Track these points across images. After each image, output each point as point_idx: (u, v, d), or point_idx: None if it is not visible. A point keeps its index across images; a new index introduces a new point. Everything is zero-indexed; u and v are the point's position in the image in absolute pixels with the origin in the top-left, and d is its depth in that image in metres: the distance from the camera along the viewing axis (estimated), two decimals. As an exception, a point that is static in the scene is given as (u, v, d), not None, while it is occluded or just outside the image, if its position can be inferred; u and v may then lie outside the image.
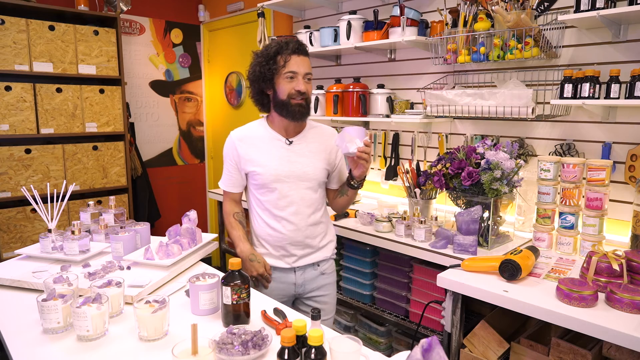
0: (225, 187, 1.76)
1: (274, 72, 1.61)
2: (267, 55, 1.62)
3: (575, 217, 1.81)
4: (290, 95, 1.61)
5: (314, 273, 1.76)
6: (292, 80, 1.61)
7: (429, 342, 0.87)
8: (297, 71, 1.60)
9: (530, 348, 1.52)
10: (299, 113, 1.63)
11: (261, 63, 1.63)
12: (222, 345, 1.06)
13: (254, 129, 1.75)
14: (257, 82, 1.66)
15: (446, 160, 2.00)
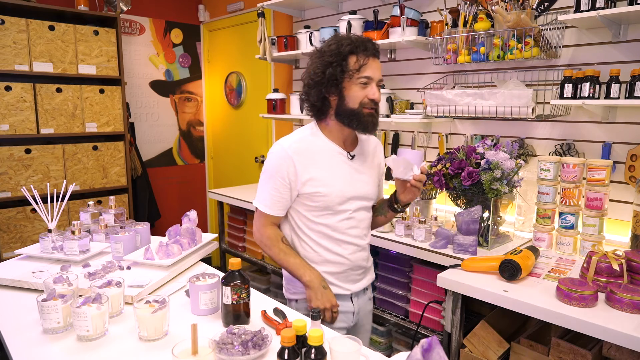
0: (270, 210, 1.46)
1: (344, 76, 1.38)
2: (339, 54, 1.38)
3: (575, 217, 1.81)
4: (363, 103, 1.39)
5: (364, 298, 1.61)
6: (365, 87, 1.39)
7: (429, 342, 0.87)
8: (373, 77, 1.39)
9: (530, 348, 1.52)
10: (371, 124, 1.42)
11: (331, 63, 1.38)
12: (222, 345, 1.05)
13: (310, 140, 1.47)
14: (319, 86, 1.41)
15: (446, 160, 2.00)
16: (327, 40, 1.46)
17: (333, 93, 1.41)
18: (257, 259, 2.92)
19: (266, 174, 1.46)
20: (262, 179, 1.48)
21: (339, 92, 1.41)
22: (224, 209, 3.25)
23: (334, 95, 1.42)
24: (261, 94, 3.61)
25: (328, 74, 1.38)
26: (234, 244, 3.13)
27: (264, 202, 1.47)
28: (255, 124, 3.80)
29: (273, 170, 1.44)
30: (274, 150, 1.46)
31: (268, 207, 1.47)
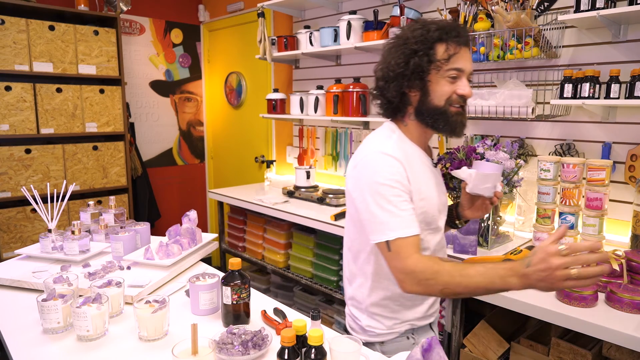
0: (413, 229, 1.10)
1: (430, 67, 1.15)
2: (425, 41, 1.15)
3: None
4: (450, 100, 1.17)
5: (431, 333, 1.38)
6: (454, 81, 1.17)
7: (429, 342, 0.87)
8: (464, 69, 1.17)
9: (530, 348, 1.52)
10: (460, 125, 1.20)
11: (416, 52, 1.15)
12: (222, 345, 1.06)
13: (403, 143, 1.22)
14: (401, 79, 1.17)
15: (446, 160, 2.00)
16: (409, 25, 1.22)
17: (415, 87, 1.18)
18: (257, 259, 2.92)
19: (381, 191, 1.11)
20: (377, 202, 1.11)
21: (423, 87, 1.17)
22: (224, 209, 3.25)
23: (415, 90, 1.18)
24: (261, 94, 3.61)
25: (413, 65, 1.15)
26: (234, 244, 3.13)
27: (400, 226, 1.09)
28: (255, 124, 3.80)
29: (391, 181, 1.12)
30: (377, 159, 1.14)
31: (408, 227, 1.09)
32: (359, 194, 1.16)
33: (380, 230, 1.11)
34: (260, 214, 2.80)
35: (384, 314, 1.26)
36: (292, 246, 2.66)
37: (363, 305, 1.28)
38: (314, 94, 2.84)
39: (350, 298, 1.33)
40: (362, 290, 1.28)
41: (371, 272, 1.24)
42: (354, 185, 1.19)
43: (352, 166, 1.22)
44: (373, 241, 1.13)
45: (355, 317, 1.30)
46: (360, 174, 1.17)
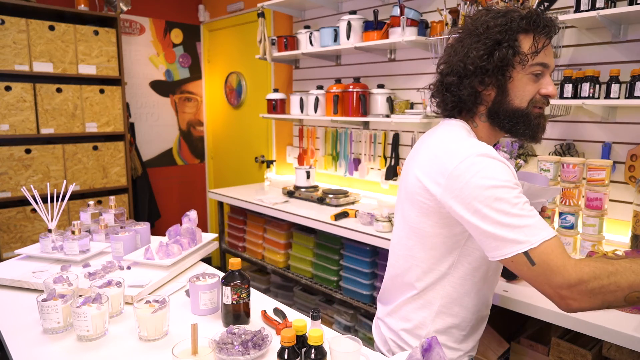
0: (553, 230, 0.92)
1: (515, 62, 1.01)
2: (510, 30, 0.99)
3: (575, 217, 1.81)
4: (534, 101, 1.03)
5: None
6: (538, 79, 1.03)
7: (429, 342, 0.87)
8: (550, 65, 1.03)
9: (530, 348, 1.52)
10: (542, 129, 1.06)
11: (500, 42, 1.00)
12: (222, 345, 1.06)
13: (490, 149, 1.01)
14: (482, 74, 1.02)
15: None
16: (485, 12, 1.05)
17: (492, 85, 1.03)
18: (257, 259, 2.92)
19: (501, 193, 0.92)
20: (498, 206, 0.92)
21: (502, 84, 1.03)
22: (224, 209, 3.25)
23: (491, 88, 1.04)
24: (261, 94, 3.61)
25: (497, 58, 0.99)
26: (234, 244, 3.13)
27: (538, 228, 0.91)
28: (255, 124, 3.80)
29: (509, 182, 0.94)
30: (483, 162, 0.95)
31: (546, 228, 0.92)
32: (465, 207, 0.95)
33: (513, 242, 0.90)
34: (260, 214, 2.80)
35: (449, 344, 1.13)
36: (292, 246, 2.66)
37: (423, 331, 1.12)
38: (314, 94, 2.84)
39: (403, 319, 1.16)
40: (423, 314, 1.12)
41: (441, 294, 1.10)
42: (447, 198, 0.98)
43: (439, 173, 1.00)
44: (502, 258, 0.92)
45: (407, 343, 1.15)
46: (458, 183, 0.96)
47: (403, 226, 1.14)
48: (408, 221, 1.12)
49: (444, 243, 1.07)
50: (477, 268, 1.08)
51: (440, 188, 1.00)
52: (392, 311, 1.21)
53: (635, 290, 0.83)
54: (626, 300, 0.84)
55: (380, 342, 1.25)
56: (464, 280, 1.08)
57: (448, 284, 1.09)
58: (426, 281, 1.11)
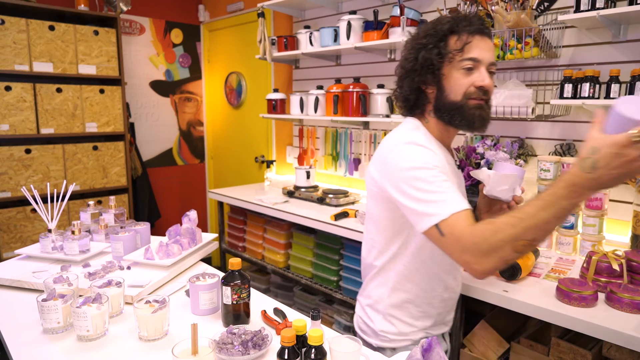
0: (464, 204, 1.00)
1: (443, 60, 1.11)
2: (436, 34, 1.11)
3: (575, 217, 1.81)
4: (467, 94, 1.10)
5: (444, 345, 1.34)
6: (470, 73, 1.10)
7: (429, 342, 0.87)
8: (481, 59, 1.10)
9: (530, 348, 1.52)
10: (479, 120, 1.11)
11: (426, 46, 1.12)
12: (222, 345, 1.06)
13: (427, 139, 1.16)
14: (412, 74, 1.16)
15: (446, 160, 2.00)
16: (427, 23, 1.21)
17: (430, 83, 1.14)
18: (257, 259, 2.92)
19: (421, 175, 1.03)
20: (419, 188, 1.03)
21: (437, 82, 1.13)
22: (224, 209, 3.25)
23: (431, 86, 1.15)
24: (261, 94, 3.61)
25: (422, 59, 1.12)
26: (234, 244, 3.13)
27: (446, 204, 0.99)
28: (255, 124, 3.80)
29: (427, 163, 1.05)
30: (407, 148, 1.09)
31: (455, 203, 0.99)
32: (393, 187, 1.08)
33: (426, 216, 1.00)
34: (260, 214, 2.80)
35: (402, 318, 1.22)
36: (292, 246, 2.66)
37: (381, 306, 1.24)
38: (314, 94, 2.84)
39: (367, 297, 1.29)
40: (381, 289, 1.24)
41: (394, 272, 1.21)
42: (383, 181, 1.11)
43: (379, 162, 1.15)
44: (421, 231, 1.02)
45: (370, 318, 1.27)
46: (389, 167, 1.10)
47: (366, 215, 1.30)
48: (367, 209, 1.28)
49: (392, 225, 1.19)
50: (422, 247, 1.18)
51: (379, 174, 1.15)
52: (361, 290, 1.34)
53: (517, 240, 0.91)
54: (515, 251, 0.92)
55: (355, 321, 1.38)
56: (412, 258, 1.19)
57: (400, 262, 1.20)
58: (382, 260, 1.23)
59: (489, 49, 1.12)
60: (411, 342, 1.24)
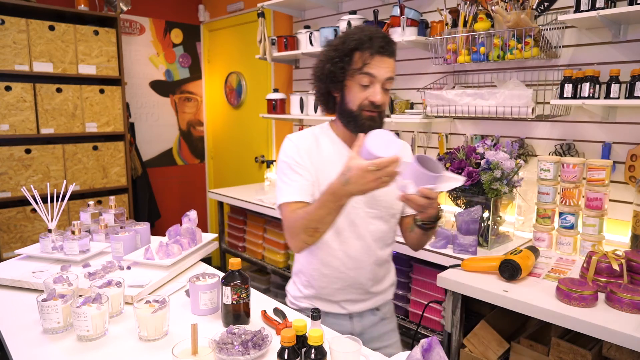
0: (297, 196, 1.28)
1: (346, 73, 1.27)
2: (343, 50, 1.26)
3: (575, 217, 1.81)
4: (362, 106, 1.27)
5: (372, 319, 1.47)
6: (366, 88, 1.26)
7: (429, 342, 0.87)
8: (377, 75, 1.25)
9: (530, 348, 1.52)
10: (368, 128, 1.22)
11: (333, 59, 1.27)
12: (222, 345, 1.06)
13: (316, 136, 1.39)
14: (323, 82, 1.32)
15: (446, 161, 2.00)
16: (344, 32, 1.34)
17: (336, 90, 1.31)
18: (257, 259, 2.92)
19: (281, 167, 1.34)
20: (279, 176, 1.34)
21: (340, 91, 1.31)
22: (224, 209, 3.25)
23: (337, 92, 1.32)
24: (261, 94, 3.61)
25: (327, 70, 1.29)
26: (234, 244, 3.13)
27: (286, 193, 1.30)
28: (255, 124, 3.80)
29: (289, 158, 1.33)
30: (283, 144, 1.38)
31: (292, 194, 1.28)
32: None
33: (277, 198, 1.32)
34: (260, 214, 2.80)
35: (297, 284, 1.49)
36: (292, 246, 2.66)
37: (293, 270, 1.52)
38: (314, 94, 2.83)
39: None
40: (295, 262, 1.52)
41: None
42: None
43: None
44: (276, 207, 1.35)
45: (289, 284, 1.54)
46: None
47: None
48: None
49: None
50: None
51: None
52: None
53: (307, 228, 1.20)
54: (308, 236, 1.22)
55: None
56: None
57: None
58: None
59: (387, 67, 1.26)
60: (298, 308, 1.44)
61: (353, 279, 1.39)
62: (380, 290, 1.46)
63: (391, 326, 1.53)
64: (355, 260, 1.37)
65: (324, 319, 1.40)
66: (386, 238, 1.41)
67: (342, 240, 1.36)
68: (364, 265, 1.38)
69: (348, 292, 1.40)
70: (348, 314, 1.42)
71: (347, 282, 1.39)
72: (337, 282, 1.39)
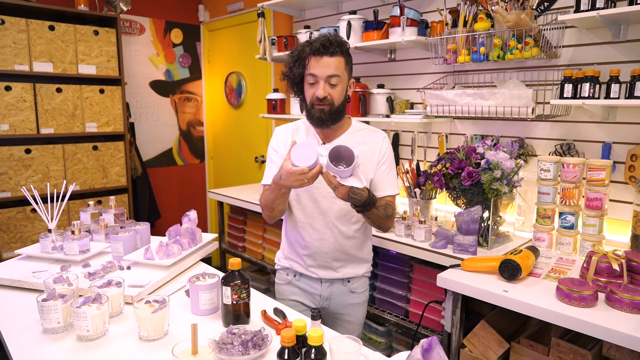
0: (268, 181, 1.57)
1: (302, 77, 1.52)
2: (295, 56, 1.52)
3: (575, 217, 1.81)
4: (312, 101, 1.50)
5: (342, 289, 1.66)
6: (313, 86, 1.49)
7: (429, 342, 0.87)
8: (317, 74, 1.46)
9: (530, 348, 1.52)
10: (318, 120, 1.50)
11: (289, 65, 1.54)
12: (222, 345, 1.06)
13: (297, 126, 1.65)
14: (291, 86, 1.58)
15: (446, 160, 2.00)
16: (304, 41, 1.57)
17: (299, 91, 1.56)
18: (257, 259, 2.92)
19: (268, 148, 1.65)
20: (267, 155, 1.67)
21: (301, 91, 1.55)
22: (224, 209, 3.25)
23: (300, 93, 1.57)
24: (261, 94, 3.61)
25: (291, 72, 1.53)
26: (234, 244, 3.13)
27: (264, 177, 1.63)
28: (255, 124, 3.80)
29: (269, 148, 1.64)
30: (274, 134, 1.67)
31: (265, 178, 1.61)
32: None
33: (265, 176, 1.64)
34: (261, 214, 2.80)
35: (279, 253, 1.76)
36: (292, 246, 2.66)
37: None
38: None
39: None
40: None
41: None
42: None
43: None
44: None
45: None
46: None
47: None
48: None
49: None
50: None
51: None
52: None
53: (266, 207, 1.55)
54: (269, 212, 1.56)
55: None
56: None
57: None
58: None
59: (326, 66, 1.46)
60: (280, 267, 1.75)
61: (318, 249, 1.60)
62: (349, 263, 1.64)
63: (358, 300, 1.70)
64: (318, 232, 1.59)
65: (299, 279, 1.67)
66: (349, 216, 1.59)
67: (307, 215, 1.59)
68: (326, 237, 1.59)
69: (314, 259, 1.62)
70: (318, 278, 1.64)
71: (313, 250, 1.60)
72: (305, 250, 1.62)
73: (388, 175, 1.60)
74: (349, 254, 1.63)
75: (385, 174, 1.60)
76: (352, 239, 1.62)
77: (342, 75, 1.49)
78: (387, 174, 1.60)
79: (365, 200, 1.39)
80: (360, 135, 1.61)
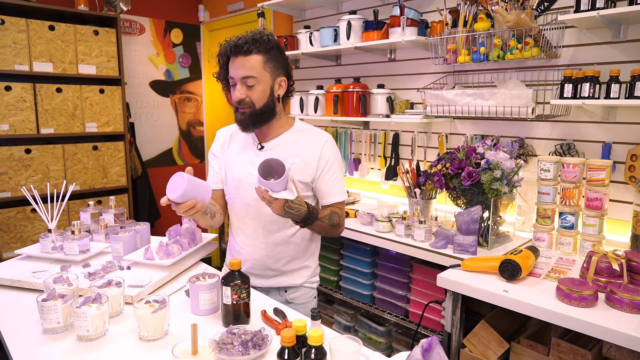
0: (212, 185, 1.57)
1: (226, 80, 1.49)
2: (221, 59, 1.47)
3: (575, 217, 1.81)
4: (234, 104, 1.45)
5: (278, 298, 1.56)
6: (234, 88, 1.43)
7: (429, 342, 0.87)
8: (233, 76, 1.42)
9: (530, 348, 1.52)
10: (240, 123, 1.45)
11: (219, 71, 1.51)
12: (222, 345, 1.06)
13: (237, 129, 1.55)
14: (223, 88, 1.56)
15: (446, 160, 2.00)
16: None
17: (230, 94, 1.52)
18: (257, 259, 2.92)
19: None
20: None
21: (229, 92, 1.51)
22: (224, 209, 3.24)
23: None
24: (261, 94, 3.60)
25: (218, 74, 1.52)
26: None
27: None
28: (255, 124, 3.79)
29: (209, 152, 1.63)
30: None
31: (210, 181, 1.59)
32: None
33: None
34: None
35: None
36: (292, 246, 2.66)
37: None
38: (314, 94, 2.84)
39: None
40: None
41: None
42: None
43: None
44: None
45: None
46: None
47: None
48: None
49: None
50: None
51: None
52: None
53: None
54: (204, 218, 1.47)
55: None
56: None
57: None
58: None
59: (240, 66, 1.38)
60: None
61: (250, 255, 1.54)
62: (284, 271, 1.56)
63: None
64: (250, 237, 1.54)
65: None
66: (284, 220, 1.49)
67: (240, 219, 1.55)
68: (257, 244, 1.53)
69: (248, 266, 1.56)
70: (254, 286, 1.54)
71: (245, 257, 1.55)
72: (239, 255, 1.57)
73: (334, 182, 1.50)
74: (285, 262, 1.55)
75: (331, 181, 1.50)
76: (289, 245, 1.53)
77: (260, 75, 1.39)
78: (332, 180, 1.50)
79: (305, 215, 1.32)
80: (302, 136, 1.52)
